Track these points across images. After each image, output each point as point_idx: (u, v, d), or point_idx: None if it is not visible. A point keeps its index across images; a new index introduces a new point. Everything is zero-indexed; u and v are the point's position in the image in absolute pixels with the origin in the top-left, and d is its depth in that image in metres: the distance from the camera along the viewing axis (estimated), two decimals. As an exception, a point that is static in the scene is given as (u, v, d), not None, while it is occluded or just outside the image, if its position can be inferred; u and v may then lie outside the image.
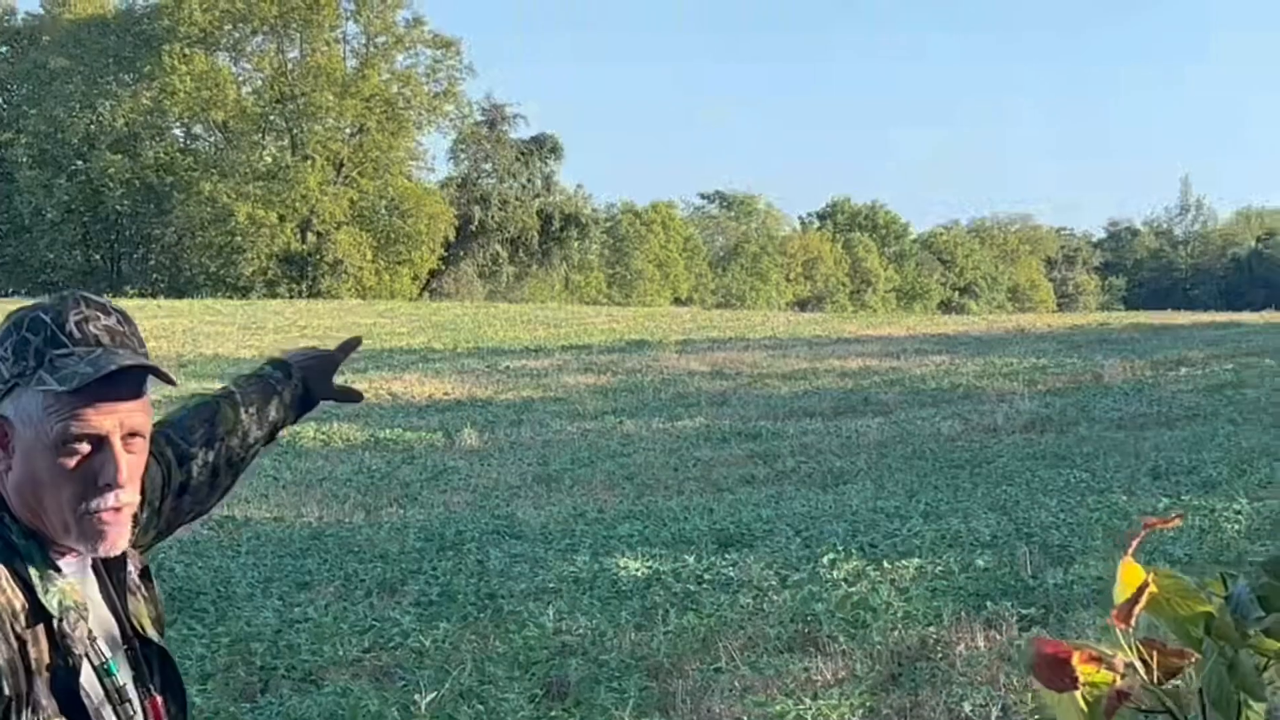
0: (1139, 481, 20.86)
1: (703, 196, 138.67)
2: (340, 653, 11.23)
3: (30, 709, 2.53)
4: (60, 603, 2.62)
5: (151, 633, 2.87)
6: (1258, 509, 18.09)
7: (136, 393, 2.69)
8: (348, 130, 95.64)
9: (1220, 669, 2.06)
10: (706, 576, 14.02)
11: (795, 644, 11.66)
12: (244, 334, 51.77)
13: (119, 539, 2.70)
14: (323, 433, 27.35)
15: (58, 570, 2.67)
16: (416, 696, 9.77)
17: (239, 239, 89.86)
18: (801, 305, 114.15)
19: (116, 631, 2.78)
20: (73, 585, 2.68)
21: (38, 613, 2.59)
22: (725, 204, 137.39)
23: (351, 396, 3.94)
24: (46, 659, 2.57)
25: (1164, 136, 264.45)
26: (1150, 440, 25.54)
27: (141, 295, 79.78)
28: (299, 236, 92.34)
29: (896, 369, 39.17)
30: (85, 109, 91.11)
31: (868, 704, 10.06)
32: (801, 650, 11.47)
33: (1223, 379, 34.83)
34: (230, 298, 79.93)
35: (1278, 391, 32.09)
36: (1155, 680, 2.01)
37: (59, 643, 2.60)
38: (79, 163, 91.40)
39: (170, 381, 2.78)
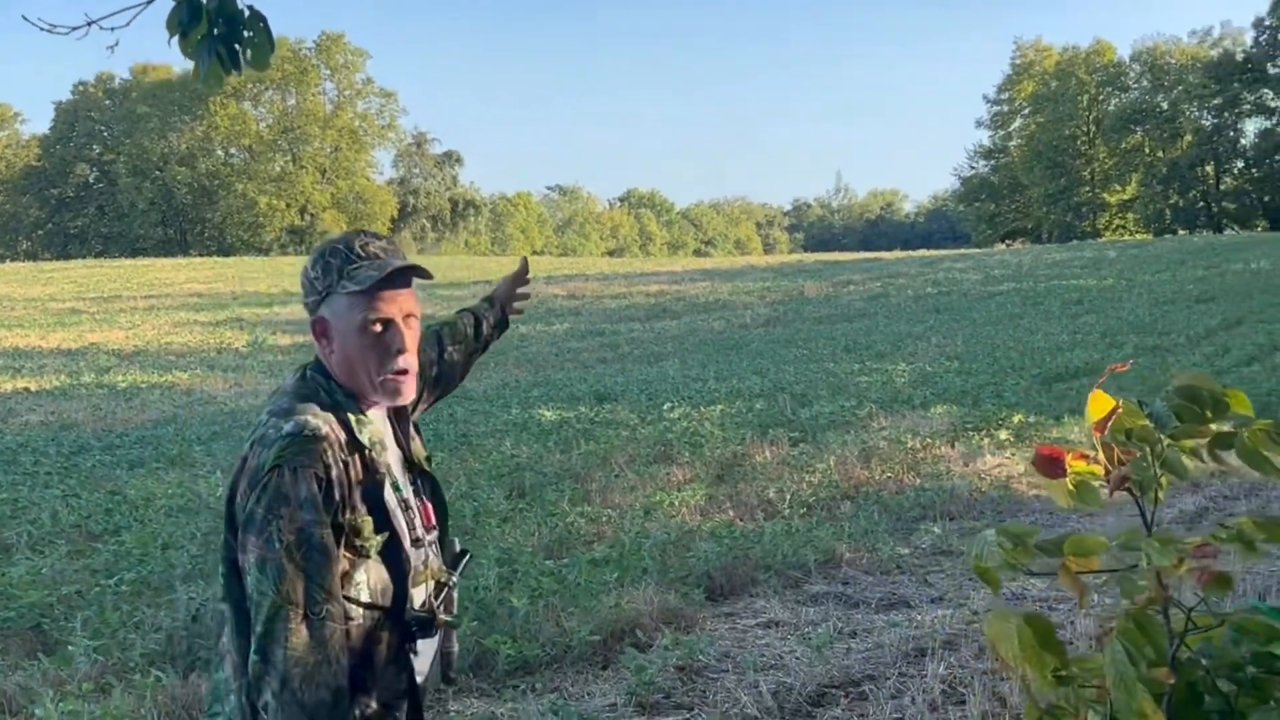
0: (838, 355, 21.03)
1: (548, 188, 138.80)
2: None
3: (350, 509, 2.44)
4: (369, 438, 2.53)
5: (425, 466, 2.78)
6: (911, 368, 18.32)
7: (407, 284, 2.59)
8: (328, 149, 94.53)
9: (1145, 460, 2.01)
10: (596, 419, 13.91)
11: (659, 458, 11.60)
12: (270, 278, 50.61)
13: (408, 392, 2.59)
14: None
15: (367, 417, 2.56)
16: (432, 498, 9.59)
17: (261, 219, 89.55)
18: (611, 254, 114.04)
19: (402, 461, 2.69)
20: (376, 428, 2.58)
21: (355, 445, 2.48)
22: (562, 192, 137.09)
23: (522, 298, 3.69)
24: (360, 476, 2.47)
25: (826, 142, 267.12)
26: (840, 329, 25.79)
27: (200, 256, 78.31)
28: (300, 217, 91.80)
29: (679, 290, 39.13)
30: (160, 138, 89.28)
31: (708, 493, 10.04)
32: (663, 462, 11.41)
33: (876, 292, 35.26)
34: (257, 256, 78.44)
35: (909, 299, 32.53)
36: (1118, 463, 1.94)
37: (369, 465, 2.50)
38: (157, 172, 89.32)
39: (428, 276, 2.68)
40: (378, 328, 2.53)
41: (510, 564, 7.34)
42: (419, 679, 2.65)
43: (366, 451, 2.51)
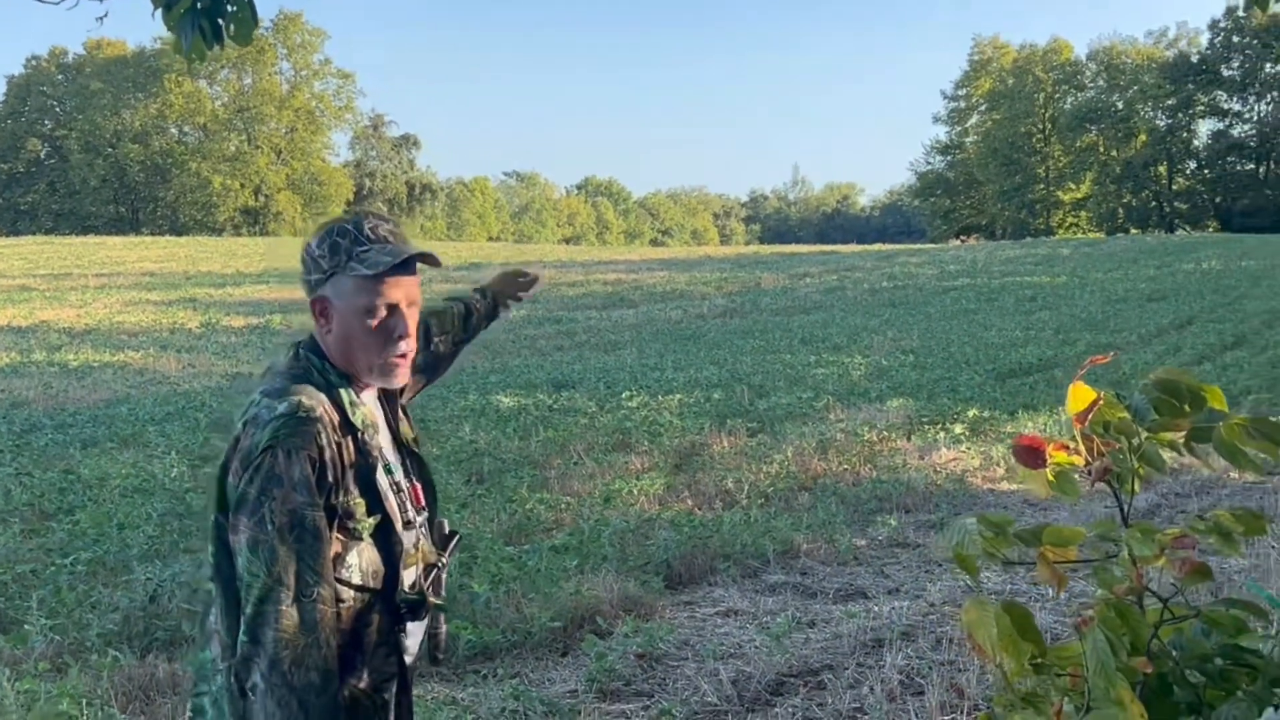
0: (795, 346, 21.10)
1: (505, 173, 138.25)
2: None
3: (343, 490, 2.42)
4: (362, 420, 2.51)
5: (413, 447, 2.77)
6: (867, 361, 18.42)
7: (413, 272, 2.55)
8: (283, 130, 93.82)
9: (1124, 452, 2.03)
10: (554, 406, 13.91)
11: (617, 447, 11.62)
12: (223, 259, 50.21)
13: (404, 375, 2.58)
14: (285, 321, 26.64)
15: (360, 399, 2.55)
16: (390, 482, 9.56)
17: (214, 199, 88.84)
18: (567, 241, 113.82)
19: (392, 443, 2.68)
20: (369, 409, 2.57)
21: (348, 426, 2.47)
22: (519, 178, 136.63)
23: (525, 287, 3.66)
24: (353, 458, 2.45)
25: (783, 137, 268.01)
26: (797, 321, 25.87)
27: (152, 235, 77.49)
28: (254, 197, 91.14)
29: (637, 279, 39.05)
30: (113, 115, 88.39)
31: (666, 482, 10.07)
32: (622, 450, 11.43)
33: (832, 285, 35.39)
34: (210, 237, 77.76)
35: (865, 293, 32.67)
36: (1098, 455, 1.97)
37: (361, 447, 2.48)
38: (110, 149, 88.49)
39: (437, 264, 2.63)
40: (383, 312, 2.50)
41: (470, 550, 7.33)
42: (408, 660, 2.65)
43: (359, 434, 2.50)
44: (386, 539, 2.54)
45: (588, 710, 5.21)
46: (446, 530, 2.80)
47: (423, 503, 2.72)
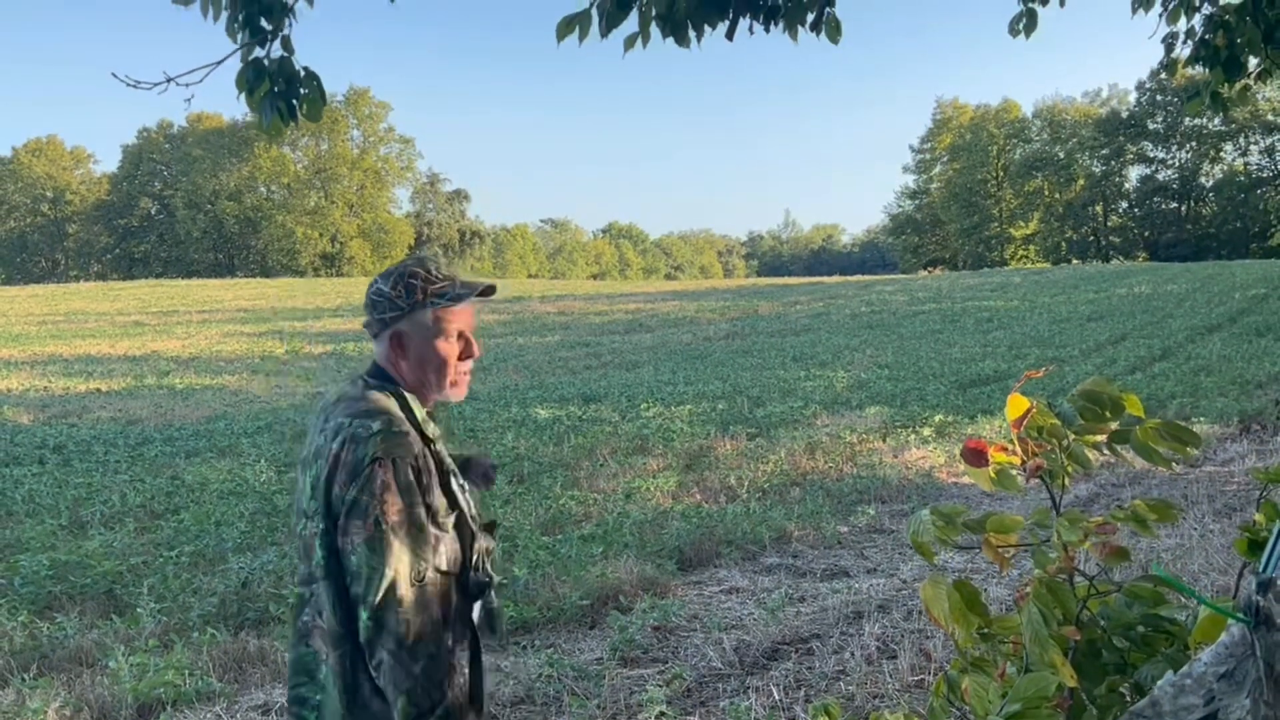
0: (787, 363, 21.00)
1: (541, 220, 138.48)
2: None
3: (431, 492, 2.39)
4: (433, 434, 2.50)
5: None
6: (849, 375, 18.29)
7: (473, 303, 2.57)
8: (355, 187, 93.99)
9: (1055, 451, 2.02)
10: (583, 417, 13.87)
11: (636, 450, 11.57)
12: (307, 296, 50.31)
13: (466, 389, 2.60)
14: (357, 348, 26.66)
15: (428, 417, 2.53)
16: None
17: (297, 246, 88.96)
18: (594, 277, 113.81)
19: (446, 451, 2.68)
20: (434, 426, 2.55)
21: (424, 438, 2.44)
22: (553, 224, 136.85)
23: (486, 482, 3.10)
24: (432, 464, 2.43)
25: (775, 185, 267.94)
26: (789, 341, 25.74)
27: (245, 277, 77.91)
28: (331, 244, 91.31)
29: (653, 309, 38.90)
30: (212, 177, 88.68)
31: (678, 480, 10.04)
32: (640, 453, 11.38)
33: (818, 310, 35.21)
34: (294, 278, 77.99)
35: (847, 317, 32.51)
36: (1032, 456, 1.96)
37: (436, 456, 2.46)
38: (209, 206, 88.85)
39: (494, 292, 2.64)
40: (454, 337, 2.52)
41: (512, 540, 7.33)
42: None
43: (433, 444, 2.48)
44: (462, 531, 2.52)
45: (611, 674, 5.18)
46: (484, 520, 2.80)
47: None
